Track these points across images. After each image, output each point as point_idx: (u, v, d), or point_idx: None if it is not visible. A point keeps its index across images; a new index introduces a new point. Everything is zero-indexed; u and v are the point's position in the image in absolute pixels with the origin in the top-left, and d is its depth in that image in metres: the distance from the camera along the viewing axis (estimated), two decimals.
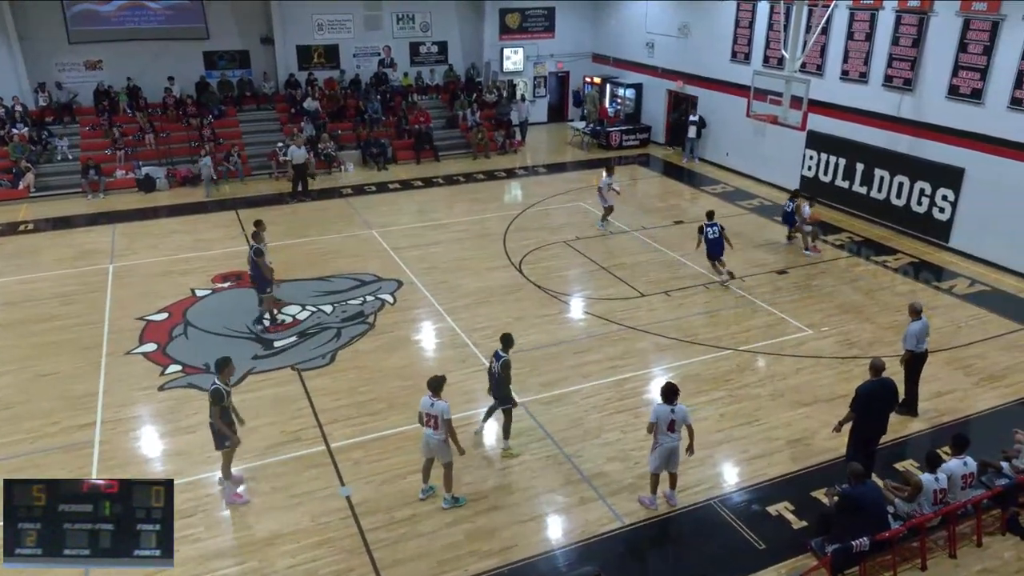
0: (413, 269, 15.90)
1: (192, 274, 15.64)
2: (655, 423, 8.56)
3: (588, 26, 29.37)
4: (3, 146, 21.46)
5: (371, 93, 25.92)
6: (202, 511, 8.95)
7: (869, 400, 8.89)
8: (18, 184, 20.80)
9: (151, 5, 23.69)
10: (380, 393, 11.37)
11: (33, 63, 22.93)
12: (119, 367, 12.13)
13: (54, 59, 23.27)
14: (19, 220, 19.20)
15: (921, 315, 10.36)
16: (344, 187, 22.08)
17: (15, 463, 9.74)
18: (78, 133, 22.92)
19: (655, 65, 26.21)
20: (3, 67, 22.48)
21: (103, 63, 23.80)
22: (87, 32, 23.28)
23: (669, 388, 8.61)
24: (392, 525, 8.68)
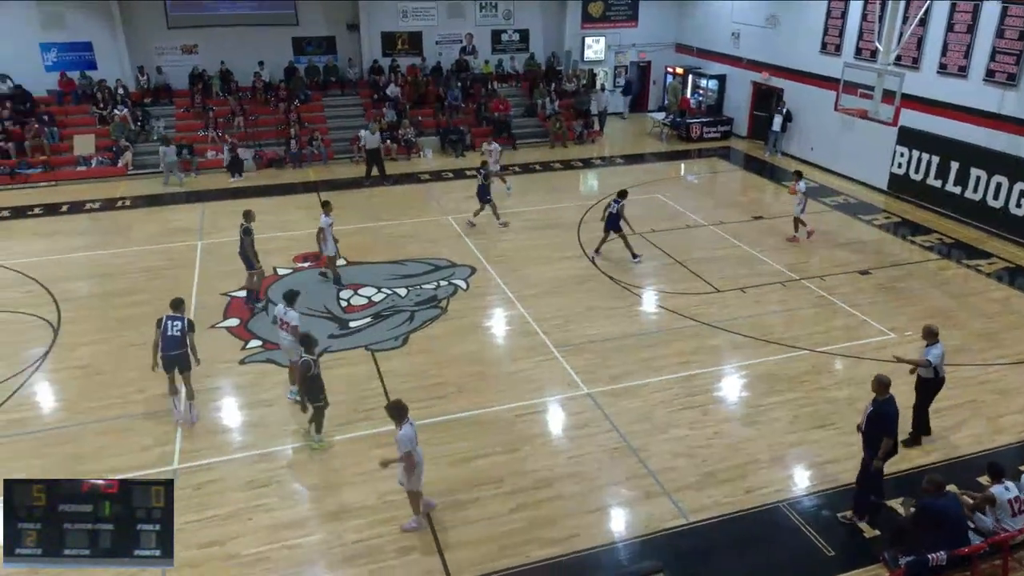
0: (486, 256, 15.98)
1: (275, 253, 16.12)
2: (411, 448, 7.99)
3: (672, 15, 28.81)
4: (105, 125, 22.57)
5: (452, 80, 26.11)
6: (276, 482, 9.24)
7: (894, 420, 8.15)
8: (117, 162, 21.86)
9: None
10: (449, 377, 11.49)
11: (135, 47, 24.02)
12: (203, 340, 12.56)
13: (153, 43, 24.29)
14: (117, 196, 20.16)
15: (938, 338, 9.50)
16: (422, 172, 22.35)
17: (103, 426, 10.27)
18: (173, 115, 23.89)
19: (740, 56, 25.53)
20: (108, 51, 23.67)
21: (198, 47, 24.71)
22: (184, 17, 24.21)
23: (401, 405, 8.08)
24: (456, 507, 8.78)
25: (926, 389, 9.63)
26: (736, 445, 9.88)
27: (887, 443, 8.03)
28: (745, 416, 10.54)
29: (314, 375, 9.53)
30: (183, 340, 10.10)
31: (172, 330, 10.04)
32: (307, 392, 9.64)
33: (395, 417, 8.06)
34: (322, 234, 14.16)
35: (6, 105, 22.23)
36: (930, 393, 9.67)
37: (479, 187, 17.40)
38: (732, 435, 10.09)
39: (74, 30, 23.35)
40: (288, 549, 8.18)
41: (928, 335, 9.47)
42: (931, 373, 9.45)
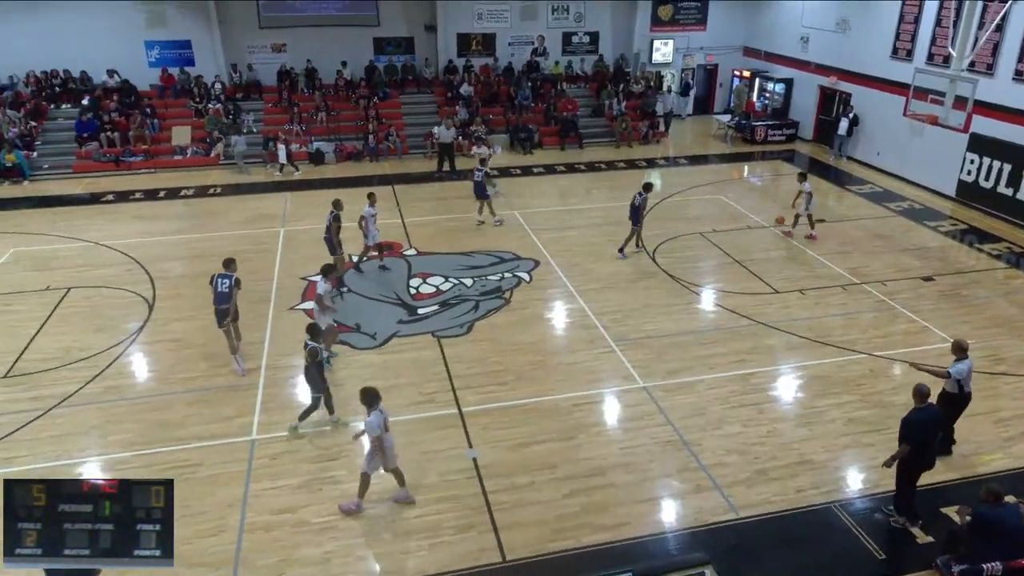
0: (550, 250, 15.97)
1: (350, 241, 16.39)
2: (378, 434, 8.09)
3: (741, 19, 28.13)
4: (200, 118, 23.40)
5: (523, 80, 26.11)
6: (345, 456, 9.46)
7: (923, 430, 7.84)
8: (210, 152, 22.65)
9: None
10: (510, 365, 11.55)
11: (229, 45, 24.83)
12: (283, 320, 12.99)
13: (246, 42, 25.05)
14: (209, 184, 20.89)
15: (967, 353, 8.89)
16: (491, 169, 22.40)
17: (190, 396, 10.69)
18: (262, 109, 24.60)
19: (808, 60, 24.76)
20: (205, 49, 24.55)
21: (287, 47, 25.36)
22: (275, 18, 24.88)
23: (373, 392, 8.15)
24: (513, 490, 8.83)
25: (949, 405, 9.00)
26: (789, 444, 9.64)
27: (901, 448, 7.84)
28: (799, 416, 10.28)
29: (320, 362, 9.61)
30: (230, 295, 11.01)
31: (221, 287, 11.05)
32: (309, 380, 9.69)
33: (365, 403, 8.14)
34: (363, 222, 14.46)
35: (113, 98, 23.28)
36: (953, 409, 9.06)
37: (476, 184, 17.33)
38: (785, 434, 9.86)
39: (175, 29, 24.28)
40: (353, 520, 8.37)
41: (957, 350, 8.90)
42: (955, 388, 8.89)
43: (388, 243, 16.29)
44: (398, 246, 16.27)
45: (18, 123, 22.12)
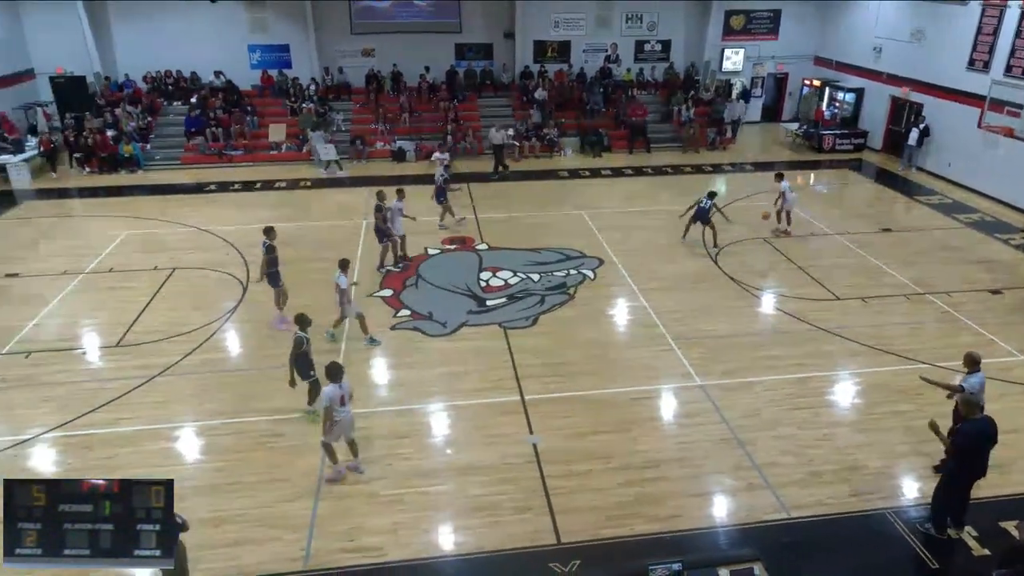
0: (615, 250, 15.82)
1: (426, 235, 16.67)
2: (329, 406, 8.30)
3: (812, 29, 27.14)
4: (294, 116, 24.12)
5: (595, 86, 25.90)
6: (415, 435, 9.62)
7: (975, 440, 7.37)
8: (303, 148, 23.31)
9: (417, 2, 25.32)
10: (572, 358, 11.50)
11: (323, 50, 25.49)
12: (362, 305, 13.27)
13: (338, 47, 25.66)
14: (300, 177, 21.51)
15: (979, 366, 8.37)
16: (561, 170, 22.37)
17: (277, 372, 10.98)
18: (351, 109, 25.17)
19: (880, 70, 23.70)
20: (301, 52, 25.29)
21: (375, 51, 25.85)
22: (366, 24, 25.39)
23: (334, 367, 8.41)
24: (570, 476, 8.81)
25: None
26: (844, 449, 9.30)
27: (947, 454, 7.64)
28: (856, 422, 9.89)
29: (304, 351, 9.62)
30: (273, 260, 12.21)
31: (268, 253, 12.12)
32: (298, 367, 9.69)
33: (327, 376, 8.41)
34: (390, 214, 14.58)
35: (218, 97, 24.24)
36: None
37: (437, 189, 17.12)
38: (841, 439, 9.51)
39: (275, 34, 25.09)
40: (420, 495, 8.52)
41: (969, 363, 8.42)
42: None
43: (461, 237, 16.47)
44: (471, 241, 16.41)
45: (136, 118, 23.29)
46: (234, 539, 7.82)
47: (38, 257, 15.57)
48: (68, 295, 13.69)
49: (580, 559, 7.59)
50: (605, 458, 9.12)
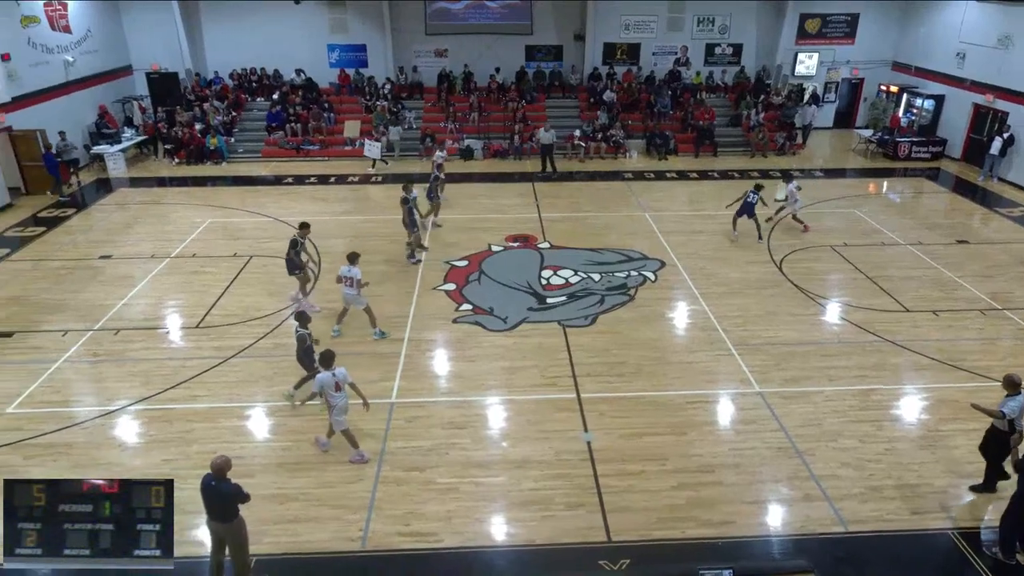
0: (677, 253, 15.57)
1: (490, 231, 16.78)
2: (319, 391, 8.51)
3: (892, 33, 26.02)
4: (369, 114, 24.62)
5: (663, 89, 25.52)
6: (471, 426, 9.71)
7: None
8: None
9: (490, 4, 25.46)
10: (630, 358, 11.39)
11: (398, 49, 25.93)
12: (425, 299, 13.48)
13: (413, 47, 26.06)
14: (371, 173, 21.95)
15: (1020, 389, 7.79)
16: (626, 171, 22.14)
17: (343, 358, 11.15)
18: (422, 108, 25.52)
19: (963, 77, 22.54)
20: (377, 52, 25.80)
21: (448, 51, 26.15)
22: (440, 26, 25.70)
23: (327, 354, 8.61)
24: (623, 476, 8.73)
25: (998, 442, 8.03)
26: (908, 465, 8.91)
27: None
28: (921, 438, 9.46)
29: (308, 347, 9.80)
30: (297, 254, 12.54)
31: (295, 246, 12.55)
32: (302, 361, 9.94)
33: (321, 363, 8.61)
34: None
35: (298, 94, 24.96)
36: (1003, 447, 8.02)
37: (429, 189, 17.15)
38: (905, 454, 9.11)
39: (354, 34, 25.67)
40: (475, 485, 8.59)
41: (1008, 385, 7.90)
42: (1005, 426, 7.88)
43: (524, 235, 16.50)
44: (533, 239, 16.43)
45: (222, 113, 24.21)
46: (296, 516, 8.07)
47: (129, 241, 16.38)
48: (155, 277, 14.36)
49: (630, 558, 7.51)
50: (659, 460, 9.00)
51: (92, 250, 15.81)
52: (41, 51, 20.41)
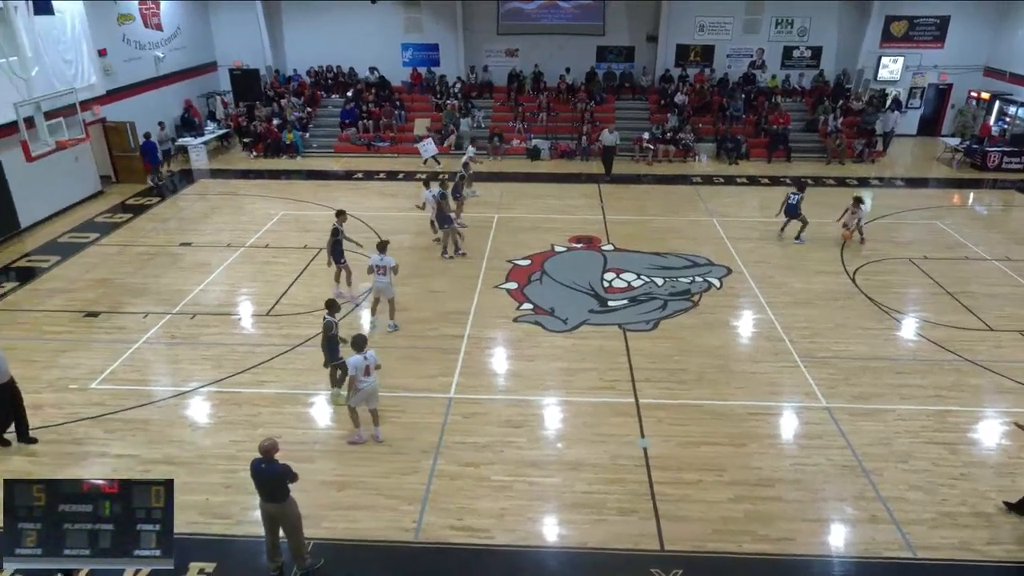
0: (744, 260, 15.19)
1: (554, 232, 16.75)
2: (354, 375, 8.81)
3: (985, 37, 24.68)
4: (438, 112, 24.95)
5: (736, 92, 24.93)
6: (528, 426, 9.71)
7: None
8: (444, 142, 24.07)
9: (562, 4, 25.40)
10: (691, 365, 11.18)
11: (470, 49, 26.18)
12: (487, 296, 13.56)
13: (484, 47, 26.27)
14: (439, 170, 22.19)
15: None
16: (694, 175, 21.73)
17: (403, 352, 11.48)
18: (491, 107, 25.70)
19: None
20: (449, 51, 26.14)
21: (519, 51, 26.26)
22: (511, 26, 25.82)
23: (359, 338, 8.89)
24: (679, 484, 8.58)
25: None
26: (985, 493, 8.43)
27: None
28: (1001, 465, 8.94)
29: (333, 335, 9.83)
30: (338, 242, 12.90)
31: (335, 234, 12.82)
32: (327, 350, 9.99)
33: (354, 347, 8.88)
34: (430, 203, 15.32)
35: (371, 91, 25.51)
36: None
37: (455, 187, 17.10)
38: (982, 481, 8.63)
39: (427, 34, 26.07)
40: (528, 484, 8.59)
41: None
42: None
43: (588, 236, 16.41)
44: (597, 240, 16.32)
45: (298, 109, 24.98)
46: (353, 503, 8.25)
47: (208, 230, 17.10)
48: (229, 266, 14.93)
49: (682, 568, 7.37)
50: (717, 470, 8.80)
51: (173, 237, 16.57)
52: (134, 47, 21.52)
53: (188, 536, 7.71)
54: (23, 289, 13.93)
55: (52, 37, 16.87)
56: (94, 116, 19.20)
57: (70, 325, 12.41)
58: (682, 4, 24.96)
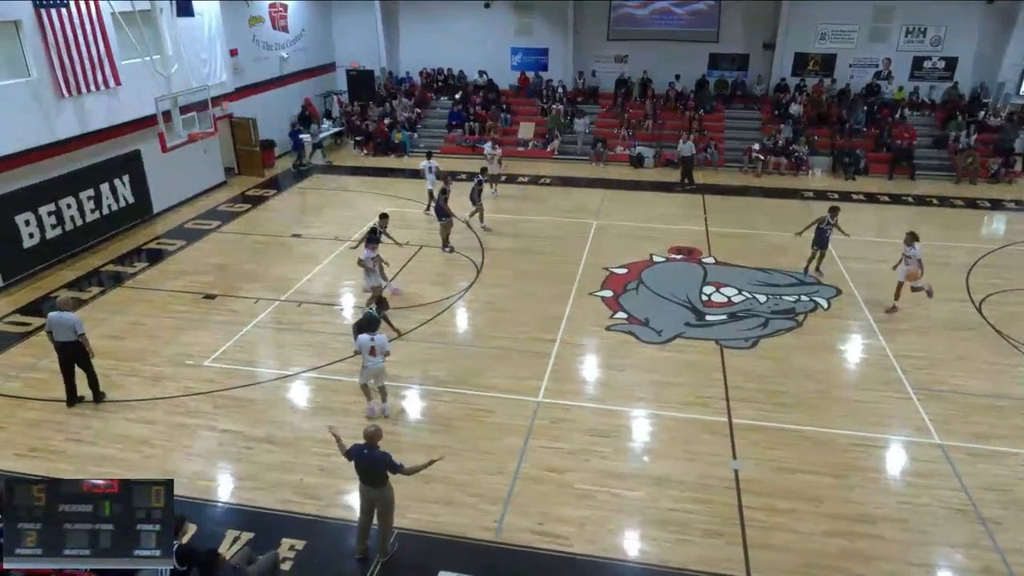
0: (855, 281, 14.39)
1: (653, 241, 16.48)
2: (359, 350, 9.45)
3: None
4: (544, 116, 25.10)
5: (858, 104, 23.66)
6: (614, 436, 9.60)
7: None
8: (547, 147, 24.20)
9: (677, 11, 24.95)
10: (791, 388, 10.70)
11: (578, 54, 26.18)
12: (581, 302, 13.51)
13: (593, 52, 26.19)
14: (541, 175, 22.35)
15: None
16: (805, 190, 20.80)
17: (495, 352, 11.62)
18: (597, 113, 25.58)
19: None
20: (558, 56, 26.25)
21: (628, 57, 25.99)
22: (622, 31, 25.60)
23: (369, 319, 9.62)
24: (771, 512, 8.23)
25: None
26: None
27: None
28: None
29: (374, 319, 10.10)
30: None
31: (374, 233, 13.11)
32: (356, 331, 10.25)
33: (365, 327, 9.58)
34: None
35: (479, 94, 25.99)
36: None
37: (473, 190, 17.08)
38: None
39: (537, 38, 26.28)
40: (611, 495, 8.49)
41: None
42: None
43: (688, 248, 16.04)
44: (698, 252, 15.92)
45: (408, 109, 25.80)
46: (438, 497, 8.42)
47: (317, 223, 17.94)
48: (335, 258, 15.61)
49: None
50: (813, 500, 8.39)
51: (286, 228, 17.50)
52: (262, 48, 22.88)
53: (281, 513, 8.14)
54: (152, 269, 15.11)
55: (191, 37, 18.22)
56: (222, 112, 20.55)
57: (190, 305, 13.35)
58: (803, 11, 23.94)
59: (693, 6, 24.76)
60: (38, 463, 9.00)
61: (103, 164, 16.22)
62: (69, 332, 9.68)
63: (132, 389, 10.60)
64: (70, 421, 9.87)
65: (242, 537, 7.76)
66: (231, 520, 8.11)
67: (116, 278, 14.67)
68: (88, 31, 14.84)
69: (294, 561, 7.48)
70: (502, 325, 12.57)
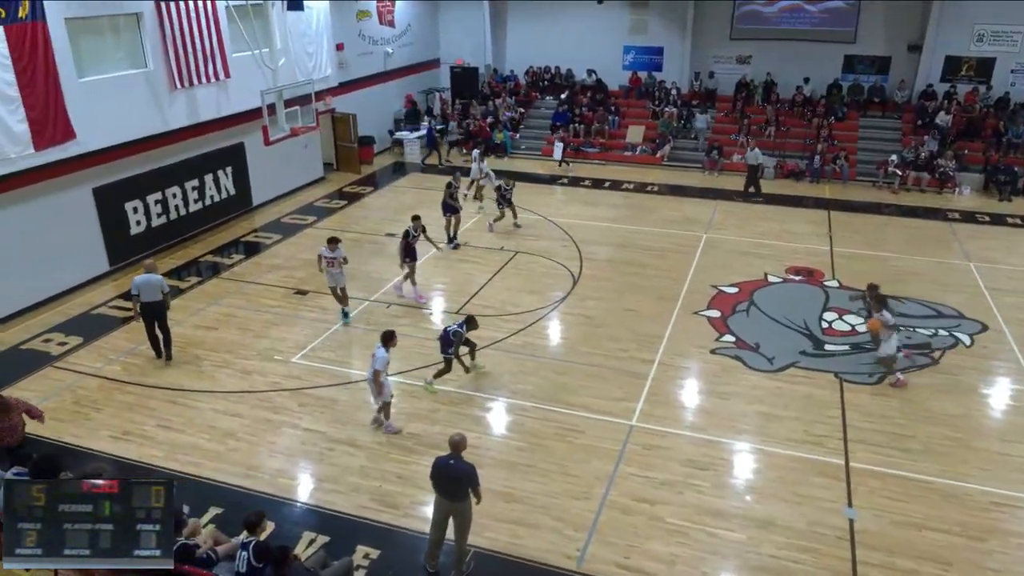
0: (1006, 316, 13.35)
1: (769, 260, 15.92)
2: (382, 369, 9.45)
3: None
4: (655, 119, 24.80)
5: (1019, 115, 21.99)
6: (714, 469, 9.31)
7: None
8: (657, 152, 23.88)
9: (809, 8, 24.07)
10: (920, 433, 10.03)
11: (696, 54, 25.72)
12: (685, 322, 13.21)
13: (713, 52, 25.65)
14: (648, 182, 22.06)
15: None
16: (951, 210, 19.52)
17: (590, 369, 11.55)
18: (714, 117, 25.01)
19: None
20: (674, 55, 25.89)
21: (751, 58, 25.29)
22: (746, 30, 24.94)
23: (388, 334, 9.66)
24: (889, 570, 7.73)
25: None
26: None
27: None
28: None
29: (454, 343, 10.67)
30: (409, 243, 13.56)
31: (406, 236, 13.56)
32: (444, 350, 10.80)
33: (382, 341, 9.57)
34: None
35: (587, 94, 26.00)
36: None
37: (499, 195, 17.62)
38: None
39: (652, 36, 26.03)
40: (706, 534, 8.23)
41: None
42: None
43: (808, 269, 15.39)
44: (819, 274, 15.24)
45: (511, 109, 26.14)
46: (518, 518, 8.43)
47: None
48: (426, 260, 15.98)
49: None
50: (941, 563, 7.81)
51: (380, 226, 18.09)
52: (368, 43, 23.83)
53: (358, 519, 8.38)
54: (248, 261, 16.01)
55: (299, 31, 19.21)
56: (325, 106, 21.52)
57: (282, 300, 14.03)
58: (957, 11, 22.47)
59: (828, 4, 23.80)
60: (130, 446, 9.69)
61: (209, 156, 17.36)
62: (156, 292, 11.18)
63: (224, 381, 11.25)
64: (163, 408, 10.58)
65: (318, 540, 8.05)
66: (308, 521, 8.43)
67: (214, 268, 15.64)
68: (203, 24, 15.96)
69: (368, 570, 7.68)
70: (597, 341, 12.48)
